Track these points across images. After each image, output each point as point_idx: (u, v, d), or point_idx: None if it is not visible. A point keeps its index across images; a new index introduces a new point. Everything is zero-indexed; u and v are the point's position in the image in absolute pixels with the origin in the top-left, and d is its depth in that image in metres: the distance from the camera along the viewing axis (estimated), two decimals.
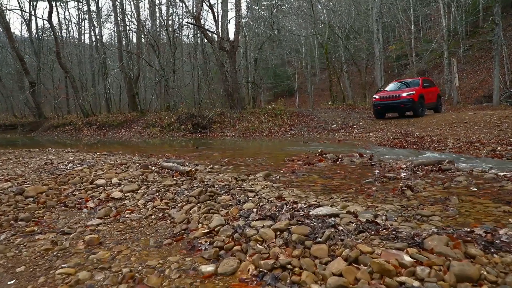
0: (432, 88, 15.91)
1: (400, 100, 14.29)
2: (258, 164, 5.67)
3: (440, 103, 16.64)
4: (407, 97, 14.14)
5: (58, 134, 23.17)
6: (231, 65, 18.00)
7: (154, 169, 5.00)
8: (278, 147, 9.47)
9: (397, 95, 14.48)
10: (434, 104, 16.05)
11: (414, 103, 14.01)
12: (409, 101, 14.05)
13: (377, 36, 21.66)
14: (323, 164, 5.50)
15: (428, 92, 15.22)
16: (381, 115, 15.56)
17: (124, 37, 24.66)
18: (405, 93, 14.30)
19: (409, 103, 14.06)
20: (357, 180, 4.19)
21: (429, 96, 15.26)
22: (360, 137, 11.68)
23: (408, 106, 14.20)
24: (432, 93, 15.61)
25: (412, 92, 14.11)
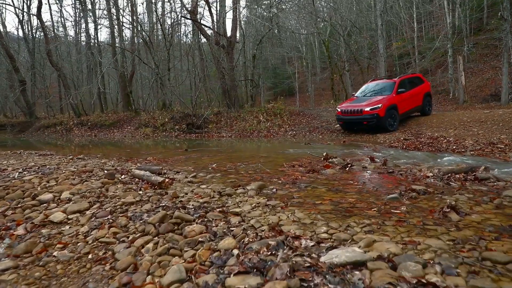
0: (415, 89, 12.90)
1: (362, 116, 11.49)
2: (252, 171, 4.70)
3: (429, 103, 13.68)
4: (370, 112, 11.33)
5: (48, 134, 22.23)
6: (228, 62, 17.03)
7: (122, 179, 4.03)
8: (277, 149, 8.51)
9: (359, 110, 11.59)
10: (419, 108, 13.17)
11: (380, 119, 11.27)
12: (373, 117, 11.26)
13: (381, 31, 20.67)
14: (330, 172, 4.54)
15: (407, 97, 12.32)
16: (349, 129, 12.77)
17: (118, 34, 23.70)
18: (368, 107, 11.44)
19: (373, 120, 11.30)
20: (377, 195, 3.22)
21: (409, 101, 12.49)
22: (367, 138, 10.71)
23: (372, 123, 11.41)
24: (414, 96, 12.76)
25: (377, 106, 11.33)
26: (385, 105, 11.44)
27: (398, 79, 12.65)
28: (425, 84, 13.64)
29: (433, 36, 39.33)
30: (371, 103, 11.67)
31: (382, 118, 11.29)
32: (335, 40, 29.13)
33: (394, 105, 11.75)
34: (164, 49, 20.86)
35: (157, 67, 19.87)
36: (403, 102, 12.13)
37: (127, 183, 3.83)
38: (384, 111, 11.33)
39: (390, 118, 11.60)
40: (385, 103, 11.51)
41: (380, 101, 11.57)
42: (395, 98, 11.87)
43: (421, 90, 13.25)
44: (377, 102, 11.55)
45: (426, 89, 13.61)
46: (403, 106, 12.17)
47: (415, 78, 13.71)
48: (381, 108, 11.32)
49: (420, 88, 13.23)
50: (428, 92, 13.76)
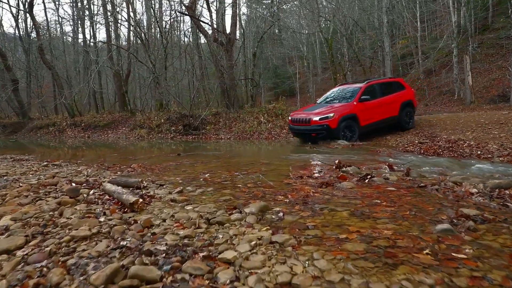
0: (390, 97, 10.90)
1: (310, 127, 9.91)
2: (252, 184, 3.86)
3: (409, 115, 11.34)
4: (319, 122, 9.71)
5: (41, 135, 21.41)
6: (228, 60, 16.21)
7: (87, 196, 3.20)
8: (280, 153, 7.68)
9: (307, 119, 10.05)
10: (393, 119, 10.90)
11: (331, 131, 9.62)
12: (322, 128, 9.66)
13: (386, 29, 19.85)
14: (347, 185, 3.70)
15: (375, 106, 10.41)
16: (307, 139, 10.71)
17: (114, 31, 22.90)
18: (318, 116, 9.80)
19: (322, 132, 9.68)
20: (420, 224, 2.38)
21: (378, 111, 10.48)
22: (377, 141, 9.87)
23: (321, 136, 9.74)
24: (387, 104, 10.74)
25: (327, 116, 9.69)
26: (340, 115, 9.75)
27: (365, 84, 10.78)
28: (405, 92, 11.43)
29: (436, 35, 38.59)
30: (321, 112, 10.00)
31: (334, 130, 9.60)
32: (338, 39, 28.34)
33: (352, 115, 9.95)
34: (161, 47, 20.03)
35: (153, 66, 19.05)
36: (367, 111, 10.18)
37: (92, 203, 3.00)
38: (337, 121, 9.61)
39: (346, 130, 9.82)
40: (340, 112, 9.85)
41: (334, 110, 9.94)
42: (355, 107, 10.07)
43: (398, 98, 11.06)
44: (329, 111, 9.90)
45: (407, 97, 11.36)
46: (367, 116, 10.20)
47: (392, 83, 11.56)
48: (333, 118, 9.65)
49: (397, 95, 11.09)
50: (409, 101, 11.41)
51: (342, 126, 9.70)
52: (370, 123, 10.36)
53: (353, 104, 10.13)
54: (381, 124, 10.75)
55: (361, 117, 10.04)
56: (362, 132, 10.14)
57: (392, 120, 10.92)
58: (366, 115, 10.16)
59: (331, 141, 9.57)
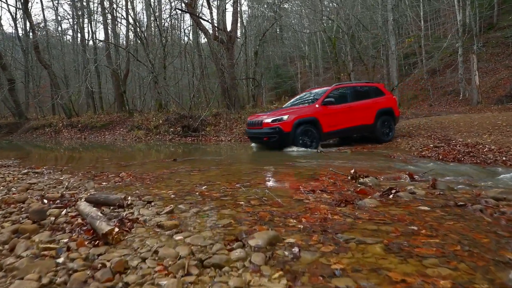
0: (363, 103, 9.82)
1: (262, 130, 8.93)
2: (256, 201, 3.26)
3: (386, 124, 10.07)
4: (270, 125, 8.70)
5: (37, 136, 20.90)
6: (228, 58, 15.63)
7: (55, 220, 2.61)
8: (285, 158, 7.08)
9: (259, 122, 9.08)
10: (367, 128, 9.84)
11: (284, 136, 8.56)
12: (274, 132, 8.61)
13: (392, 27, 19.23)
14: (371, 203, 3.10)
15: (342, 111, 9.36)
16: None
17: (112, 30, 22.31)
18: (270, 118, 8.82)
19: (274, 136, 8.63)
20: (482, 267, 1.79)
21: (346, 117, 9.38)
22: (387, 144, 9.26)
23: (273, 140, 8.71)
24: (359, 111, 9.62)
25: (280, 118, 8.68)
26: (295, 118, 8.69)
27: (333, 86, 9.92)
28: (384, 98, 10.25)
29: (439, 35, 38.00)
30: (275, 114, 9.09)
31: (287, 134, 8.55)
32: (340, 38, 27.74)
33: (312, 118, 8.88)
34: (160, 46, 19.44)
35: (152, 65, 18.47)
36: (332, 116, 9.13)
37: (59, 230, 2.41)
38: (292, 125, 8.58)
39: (304, 136, 8.72)
40: (296, 114, 8.81)
41: (289, 112, 8.95)
42: (316, 110, 9.00)
43: (374, 105, 9.91)
44: (283, 113, 8.92)
45: (385, 104, 10.13)
46: (332, 122, 9.13)
47: (368, 88, 10.38)
48: (287, 121, 8.60)
49: (373, 102, 9.95)
50: (389, 109, 10.11)
51: (299, 131, 8.61)
52: (336, 130, 9.34)
53: (314, 107, 9.10)
54: (350, 133, 9.82)
55: (323, 122, 8.97)
56: (326, 139, 9.29)
57: (365, 129, 9.88)
58: (331, 120, 9.11)
59: (286, 147, 8.68)
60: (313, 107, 9.12)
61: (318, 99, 9.29)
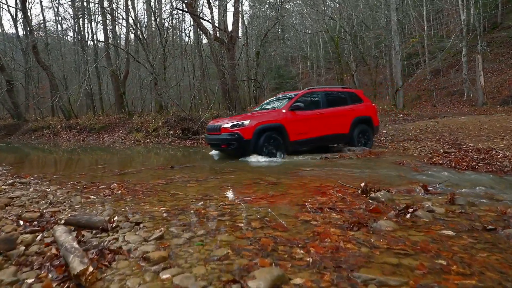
0: (338, 109, 8.94)
1: (220, 136, 7.98)
2: (258, 223, 2.90)
3: (364, 134, 9.27)
4: (229, 131, 7.73)
5: (35, 138, 20.58)
6: (229, 59, 15.28)
7: (27, 249, 2.26)
8: (288, 166, 6.72)
9: (217, 127, 8.12)
10: (341, 137, 9.01)
11: (244, 143, 7.53)
12: (232, 138, 7.61)
13: (397, 27, 18.85)
14: (387, 225, 2.75)
15: (313, 117, 8.45)
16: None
17: (112, 30, 22.00)
18: (230, 123, 7.85)
19: (233, 143, 7.63)
20: None
21: (317, 124, 8.47)
22: (394, 149, 8.89)
23: (232, 148, 7.74)
24: (333, 118, 8.73)
25: (240, 123, 7.67)
26: (258, 123, 7.67)
27: (304, 90, 9.05)
28: (362, 106, 9.41)
29: (442, 35, 37.61)
30: (235, 118, 8.17)
31: (248, 142, 7.51)
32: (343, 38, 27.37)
33: (278, 125, 7.88)
34: (160, 46, 19.11)
35: (151, 66, 18.14)
36: (301, 123, 8.21)
37: (27, 264, 2.06)
38: (253, 131, 7.54)
39: (267, 144, 7.68)
40: (259, 120, 7.78)
41: (251, 117, 7.92)
42: (283, 116, 8.03)
43: (350, 112, 9.07)
44: (244, 118, 7.93)
45: (363, 112, 9.30)
46: (301, 129, 8.21)
47: (345, 94, 9.42)
48: (248, 127, 7.56)
49: (349, 109, 9.11)
50: (367, 117, 9.32)
51: (262, 139, 7.57)
52: (305, 139, 8.33)
53: (280, 113, 8.11)
54: (322, 142, 8.82)
55: (291, 129, 8.01)
56: (293, 149, 8.17)
57: (340, 139, 9.06)
58: (299, 128, 8.18)
59: (247, 156, 7.65)
60: (279, 112, 8.13)
61: (286, 103, 8.33)
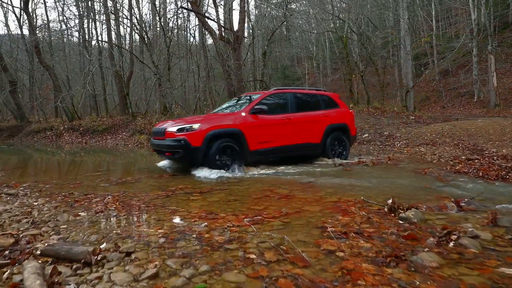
0: (309, 115, 7.75)
1: (164, 141, 6.52)
2: (272, 254, 2.42)
3: (340, 143, 8.13)
4: (175, 135, 6.32)
5: (38, 140, 20.26)
6: (235, 59, 14.82)
7: None
8: (299, 175, 6.22)
9: (162, 131, 6.68)
10: (312, 147, 7.73)
11: (192, 151, 6.19)
12: (178, 144, 6.22)
13: (408, 26, 18.26)
14: (430, 259, 2.25)
15: (278, 123, 7.20)
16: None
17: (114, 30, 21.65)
18: (175, 127, 6.45)
19: (178, 150, 6.26)
20: None
21: (284, 131, 7.24)
22: (410, 154, 8.35)
23: (177, 156, 6.42)
24: (302, 124, 7.52)
25: (187, 127, 6.32)
26: (210, 128, 6.34)
27: (270, 91, 7.84)
28: (337, 112, 8.22)
29: (451, 35, 36.93)
30: (184, 121, 6.78)
31: (196, 150, 6.16)
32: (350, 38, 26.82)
33: (235, 131, 6.56)
34: (164, 46, 18.70)
35: (155, 67, 17.74)
36: (263, 129, 6.95)
37: None
38: (203, 137, 6.19)
39: (221, 154, 6.38)
40: (212, 124, 6.45)
41: (203, 120, 6.62)
42: (242, 120, 6.73)
43: (323, 119, 7.89)
44: (194, 121, 6.58)
45: (338, 119, 8.15)
46: (264, 137, 6.93)
47: (318, 97, 8.18)
48: (197, 132, 6.21)
49: (322, 115, 7.93)
50: (342, 125, 8.19)
51: (215, 147, 6.25)
52: (269, 148, 7.01)
53: (239, 116, 6.80)
54: (289, 152, 7.41)
55: (251, 136, 6.70)
56: (254, 159, 6.84)
57: (310, 149, 7.75)
58: (262, 134, 6.92)
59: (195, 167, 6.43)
60: (237, 115, 6.83)
61: (247, 106, 7.09)
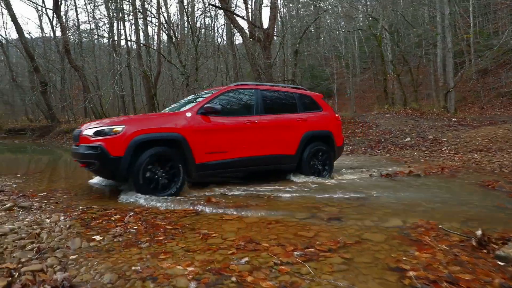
0: (281, 119, 6.10)
1: (78, 148, 4.83)
2: None
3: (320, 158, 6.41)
4: (90, 141, 4.62)
5: (67, 140, 20.40)
6: (265, 58, 14.18)
7: None
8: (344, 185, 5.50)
9: (76, 135, 5.02)
10: (280, 161, 6.03)
11: (110, 163, 4.50)
12: (94, 153, 4.51)
13: (448, 22, 17.08)
14: None
15: (236, 128, 5.53)
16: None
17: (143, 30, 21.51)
18: (92, 129, 4.73)
19: (93, 162, 4.57)
20: None
21: (248, 140, 5.61)
22: (463, 162, 7.44)
23: (93, 168, 4.73)
24: (271, 130, 5.90)
25: (108, 129, 4.61)
26: (138, 131, 4.66)
27: (229, 86, 6.17)
28: (318, 116, 6.56)
29: (489, 32, 35.08)
30: (105, 121, 5.01)
31: (116, 161, 4.49)
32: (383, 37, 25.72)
33: (174, 136, 4.88)
34: (192, 46, 18.31)
35: (183, 66, 17.36)
36: (216, 135, 5.29)
37: None
38: (127, 144, 4.53)
39: (153, 168, 4.68)
40: (142, 126, 4.77)
41: (129, 121, 4.86)
42: (186, 122, 5.04)
43: (300, 124, 6.21)
44: (118, 122, 4.80)
45: (319, 125, 6.49)
46: (216, 145, 5.27)
47: (294, 96, 6.50)
48: (119, 137, 4.55)
49: (299, 119, 6.24)
50: (324, 132, 6.53)
51: (144, 158, 4.56)
52: (222, 161, 5.32)
53: (183, 117, 5.11)
54: (252, 166, 5.74)
55: (197, 144, 5.01)
56: (202, 176, 5.20)
57: (281, 162, 6.06)
58: (214, 142, 5.24)
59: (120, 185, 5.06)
60: (180, 116, 5.13)
61: (195, 104, 5.41)
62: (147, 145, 4.67)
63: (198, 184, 5.27)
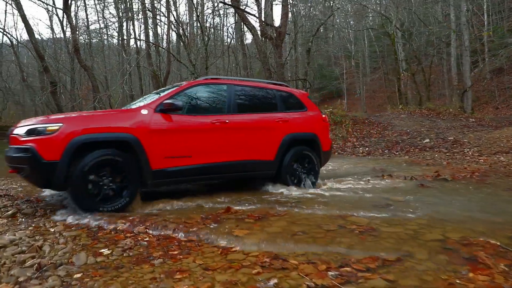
0: (258, 119, 5.32)
1: (8, 150, 4.07)
2: None
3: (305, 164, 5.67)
4: (21, 142, 3.78)
5: None
6: (277, 57, 13.86)
7: None
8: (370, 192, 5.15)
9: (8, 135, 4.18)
10: (257, 167, 5.25)
11: (42, 169, 3.66)
12: (24, 157, 3.66)
13: (466, 19, 16.58)
14: None
15: (208, 129, 4.75)
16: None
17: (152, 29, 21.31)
18: (23, 128, 3.89)
19: (23, 167, 3.75)
20: None
21: (217, 143, 4.82)
22: (489, 165, 7.03)
23: (24, 174, 3.89)
24: (247, 132, 5.12)
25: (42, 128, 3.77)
26: (78, 131, 3.81)
27: (196, 80, 5.37)
28: (302, 116, 5.86)
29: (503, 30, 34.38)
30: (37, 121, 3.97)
31: (50, 166, 3.65)
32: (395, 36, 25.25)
33: (125, 137, 4.09)
34: (202, 45, 18.06)
35: (193, 66, 17.10)
36: (177, 137, 4.52)
37: None
38: (64, 146, 3.70)
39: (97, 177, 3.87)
40: (85, 125, 3.92)
41: (69, 119, 3.98)
42: (141, 121, 4.26)
43: (280, 126, 5.47)
44: (55, 119, 3.91)
45: (302, 126, 5.78)
46: (178, 149, 4.52)
47: (274, 94, 5.75)
48: (54, 137, 3.71)
49: (278, 120, 5.50)
50: (308, 135, 5.79)
51: (85, 163, 3.76)
52: (185, 167, 4.56)
53: (138, 114, 4.35)
54: (222, 173, 4.99)
55: (154, 146, 4.28)
56: (158, 184, 4.46)
57: (257, 169, 5.32)
58: (174, 145, 4.50)
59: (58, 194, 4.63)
60: (134, 114, 4.36)
61: (153, 100, 4.66)
62: (90, 147, 3.86)
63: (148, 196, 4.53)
